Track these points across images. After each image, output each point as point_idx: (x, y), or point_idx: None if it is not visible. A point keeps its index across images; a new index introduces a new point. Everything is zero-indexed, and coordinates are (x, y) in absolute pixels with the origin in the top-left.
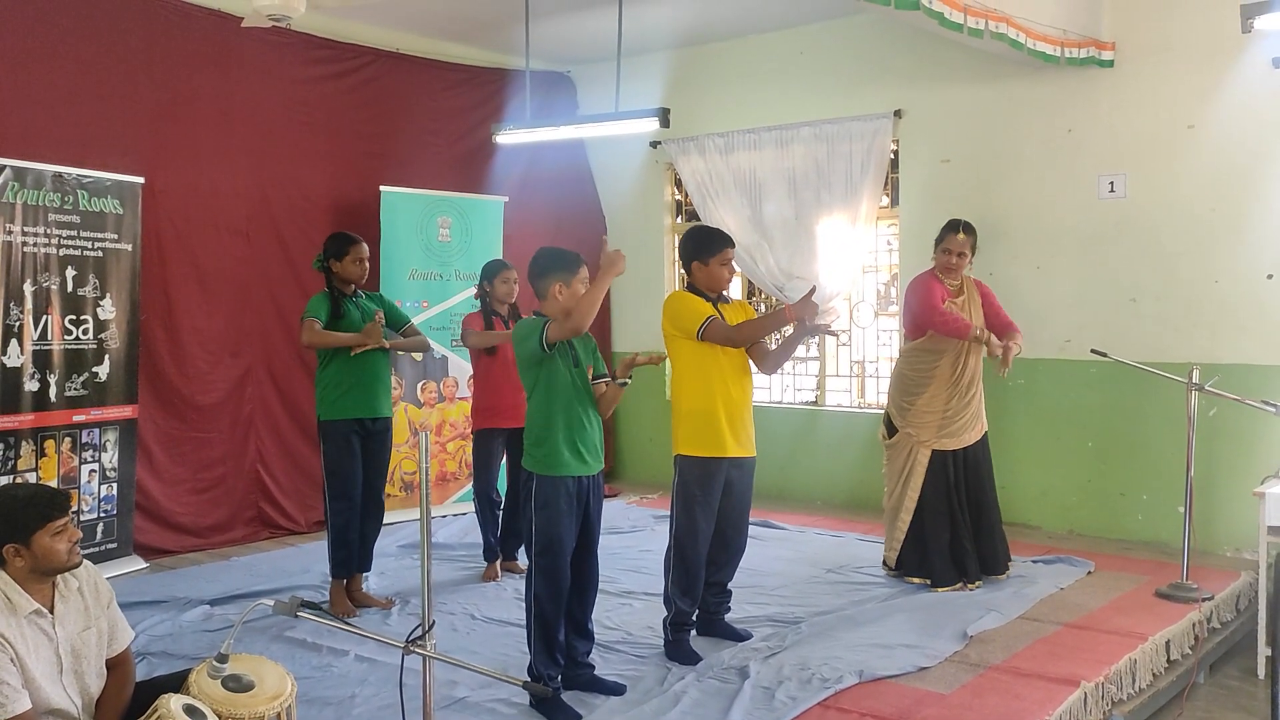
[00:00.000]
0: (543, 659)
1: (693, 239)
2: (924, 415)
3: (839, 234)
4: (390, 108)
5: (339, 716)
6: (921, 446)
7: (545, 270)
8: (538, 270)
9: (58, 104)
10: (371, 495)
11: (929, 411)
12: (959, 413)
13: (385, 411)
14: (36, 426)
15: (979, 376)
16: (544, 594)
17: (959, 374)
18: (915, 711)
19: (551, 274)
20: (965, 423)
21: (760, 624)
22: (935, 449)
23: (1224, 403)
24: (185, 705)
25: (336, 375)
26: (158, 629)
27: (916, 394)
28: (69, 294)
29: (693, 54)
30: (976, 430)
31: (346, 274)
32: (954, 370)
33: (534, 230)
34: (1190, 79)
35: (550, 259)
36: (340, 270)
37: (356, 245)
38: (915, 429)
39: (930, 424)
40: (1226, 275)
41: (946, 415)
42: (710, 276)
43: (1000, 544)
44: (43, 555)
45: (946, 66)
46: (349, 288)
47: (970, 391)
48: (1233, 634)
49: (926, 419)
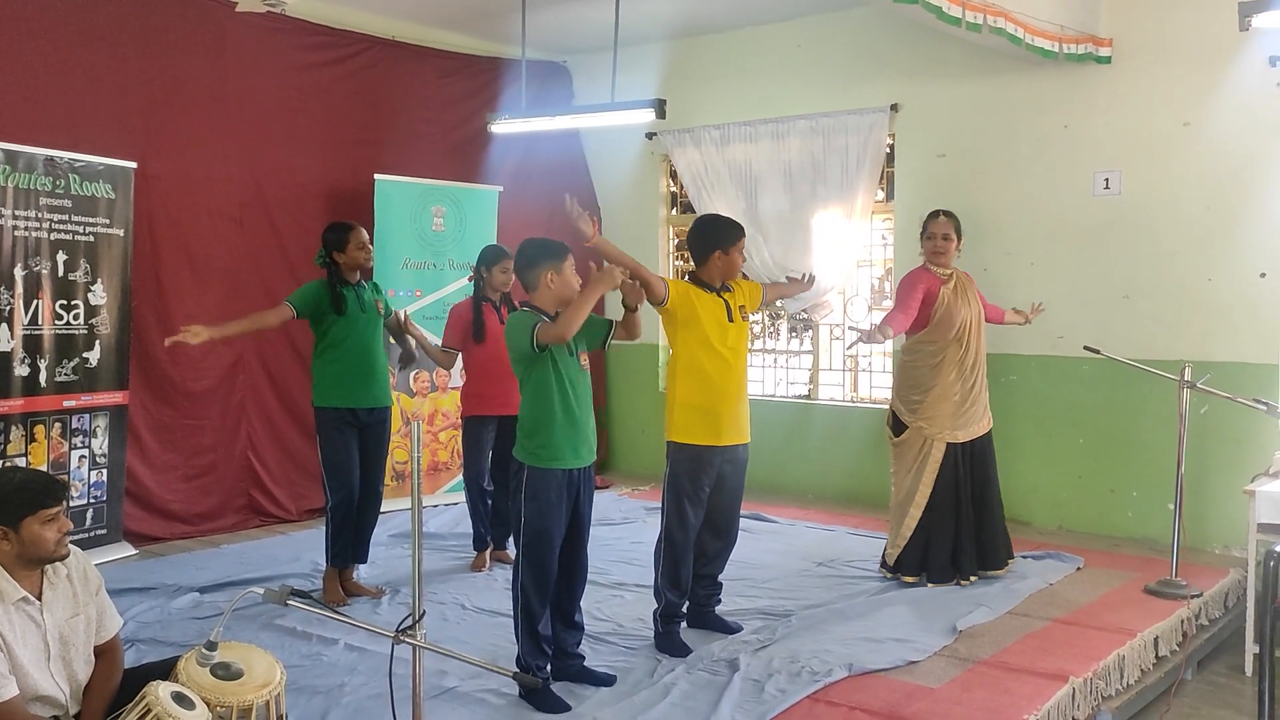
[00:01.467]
0: (530, 649)
1: (714, 227)
2: (938, 406)
3: (834, 228)
4: (385, 95)
5: (328, 705)
6: (936, 440)
7: (535, 260)
8: (526, 261)
9: (50, 88)
10: (369, 487)
11: (944, 400)
12: (973, 400)
13: (383, 401)
14: (26, 412)
15: (983, 364)
16: (530, 585)
17: (963, 357)
18: (904, 705)
19: (541, 263)
20: (978, 411)
21: (750, 617)
22: (950, 441)
23: (1215, 400)
24: (174, 693)
25: (331, 363)
26: (147, 616)
27: (928, 387)
28: (60, 279)
29: (689, 45)
30: (986, 421)
31: (353, 262)
32: (960, 358)
33: (528, 220)
34: (1187, 77)
35: (538, 249)
36: (345, 260)
37: (355, 231)
38: (928, 421)
39: (945, 414)
40: (1220, 273)
41: (957, 403)
42: (730, 264)
43: (1001, 539)
44: (30, 542)
45: (943, 61)
46: (354, 275)
47: (975, 376)
48: (1221, 631)
49: (942, 408)
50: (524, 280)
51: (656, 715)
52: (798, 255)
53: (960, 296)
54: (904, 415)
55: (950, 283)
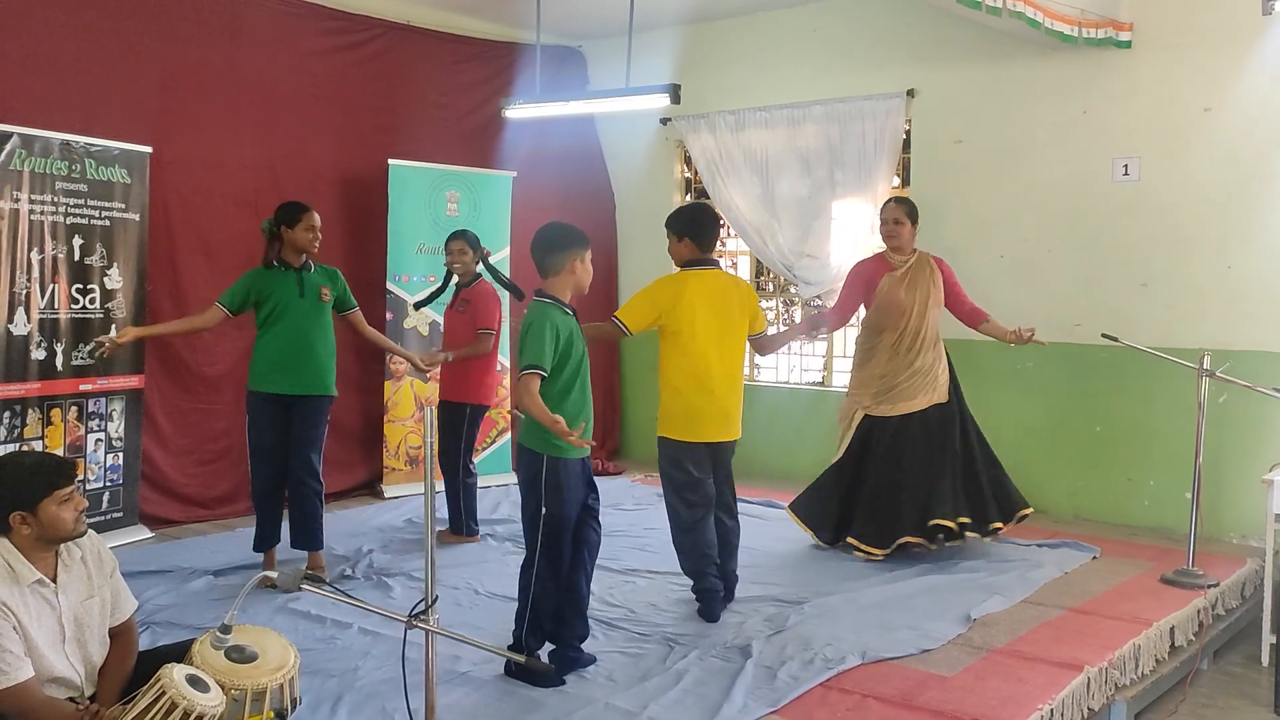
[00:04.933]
0: (533, 632)
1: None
2: (863, 382)
3: (851, 214)
4: (399, 80)
5: (342, 689)
6: (859, 409)
7: (564, 244)
8: (553, 244)
9: (65, 72)
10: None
11: (870, 378)
12: (895, 379)
13: (316, 389)
14: (43, 395)
15: (926, 345)
16: (546, 572)
17: (900, 345)
18: (917, 693)
19: (572, 248)
20: (903, 390)
21: (763, 604)
22: (870, 414)
23: (1234, 389)
24: (188, 675)
25: (266, 346)
26: (162, 599)
27: (860, 363)
28: (76, 263)
29: (705, 30)
30: (923, 398)
31: (299, 241)
32: (894, 343)
33: (542, 206)
34: (1208, 61)
35: (566, 233)
36: (291, 238)
37: (309, 213)
38: (857, 394)
39: (868, 390)
40: (1240, 260)
41: (883, 380)
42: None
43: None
44: (49, 523)
45: (961, 46)
46: (299, 258)
47: (912, 357)
48: (1237, 621)
49: (866, 385)
50: (545, 264)
51: (669, 701)
52: (815, 242)
53: (907, 284)
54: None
55: (900, 269)
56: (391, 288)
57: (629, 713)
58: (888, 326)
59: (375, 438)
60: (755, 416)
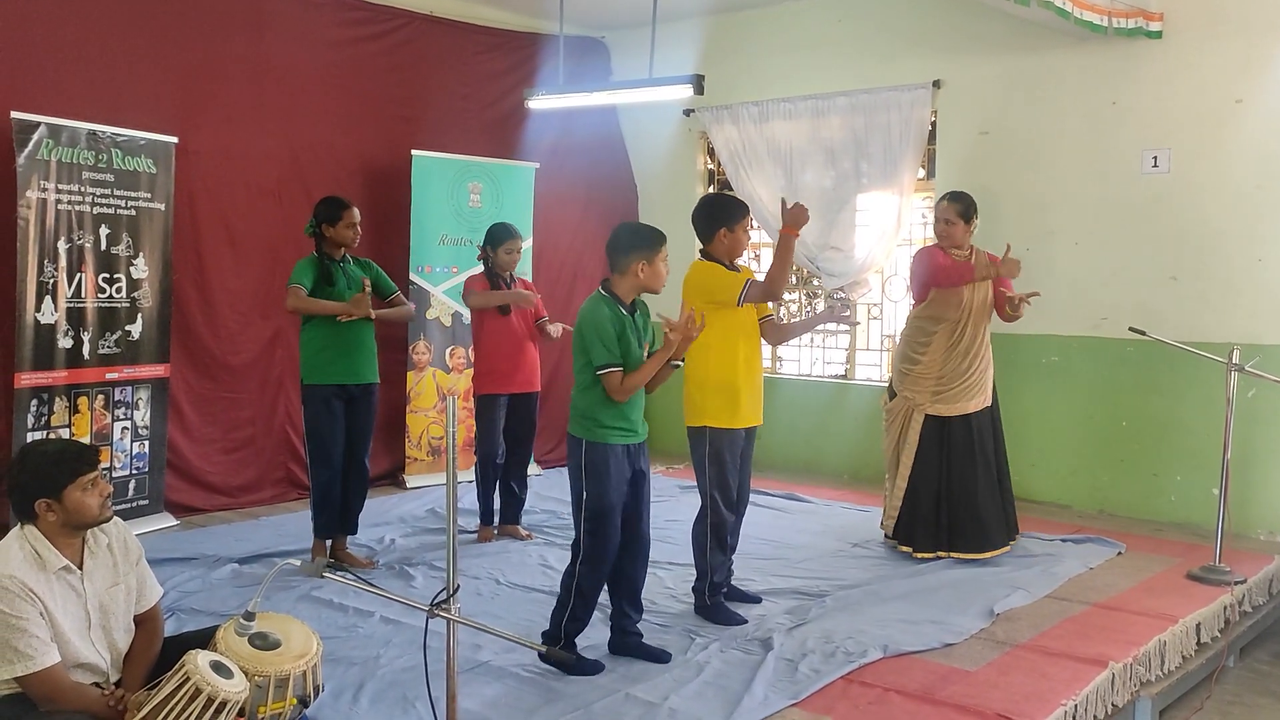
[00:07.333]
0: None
1: (718, 206)
2: (921, 379)
3: (877, 206)
4: (423, 71)
5: (364, 676)
6: (917, 410)
7: (628, 248)
8: (616, 245)
9: (91, 63)
10: (354, 460)
11: (927, 375)
12: (954, 379)
13: (370, 377)
14: (70, 383)
15: (982, 346)
16: (589, 560)
17: (956, 340)
18: (940, 688)
19: (635, 251)
20: (961, 390)
21: (785, 596)
22: (929, 414)
23: (1263, 384)
24: (212, 661)
25: (320, 340)
26: (187, 586)
27: (915, 360)
28: (102, 252)
29: (728, 20)
30: (978, 401)
31: (340, 239)
32: (951, 337)
33: (565, 197)
34: (1240, 52)
35: (632, 235)
36: (334, 235)
37: (349, 210)
38: (912, 393)
39: (926, 389)
40: (1271, 253)
41: (941, 380)
42: (736, 243)
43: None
44: (74, 509)
45: (987, 36)
46: (339, 252)
47: (968, 359)
48: (1264, 618)
49: (924, 383)
50: (611, 261)
51: (689, 693)
52: (840, 234)
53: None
54: (896, 384)
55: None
56: (414, 278)
57: (650, 704)
58: (949, 321)
59: (398, 428)
60: (777, 409)
